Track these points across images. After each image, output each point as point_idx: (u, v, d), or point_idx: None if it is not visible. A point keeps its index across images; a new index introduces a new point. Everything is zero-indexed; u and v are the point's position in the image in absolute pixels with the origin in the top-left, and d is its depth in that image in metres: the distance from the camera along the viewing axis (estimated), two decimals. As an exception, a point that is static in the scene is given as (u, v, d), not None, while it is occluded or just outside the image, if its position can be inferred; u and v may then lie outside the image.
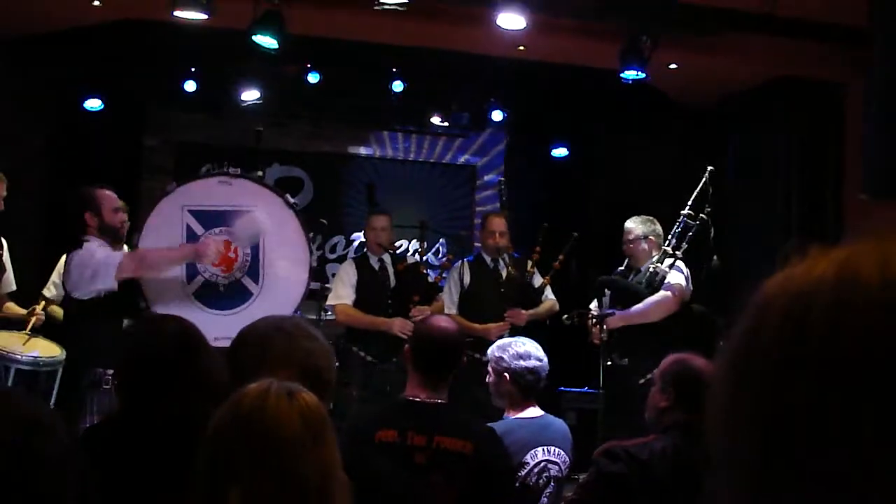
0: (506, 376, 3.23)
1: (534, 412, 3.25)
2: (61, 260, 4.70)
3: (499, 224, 5.39)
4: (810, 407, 0.55)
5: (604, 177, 7.53)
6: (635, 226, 5.04)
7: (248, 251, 5.42)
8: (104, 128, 7.01)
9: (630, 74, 5.45)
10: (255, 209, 5.43)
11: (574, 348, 5.34)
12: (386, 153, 8.12)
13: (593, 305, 5.04)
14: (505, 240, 5.35)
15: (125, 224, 4.61)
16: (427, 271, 5.71)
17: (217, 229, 5.39)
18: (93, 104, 6.95)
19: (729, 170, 6.45)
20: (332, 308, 5.35)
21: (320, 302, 5.59)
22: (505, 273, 5.35)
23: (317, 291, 5.55)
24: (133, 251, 4.49)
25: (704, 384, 0.67)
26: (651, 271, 4.84)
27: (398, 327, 5.04)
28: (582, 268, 5.67)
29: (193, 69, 6.82)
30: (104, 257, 4.18)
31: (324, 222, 6.37)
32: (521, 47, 5.92)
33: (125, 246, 4.79)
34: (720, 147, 6.61)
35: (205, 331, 2.27)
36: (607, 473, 2.53)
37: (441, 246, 8.01)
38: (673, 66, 6.06)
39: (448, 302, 5.36)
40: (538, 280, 5.37)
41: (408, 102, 7.28)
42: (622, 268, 5.10)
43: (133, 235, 5.09)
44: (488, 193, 8.09)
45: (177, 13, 5.12)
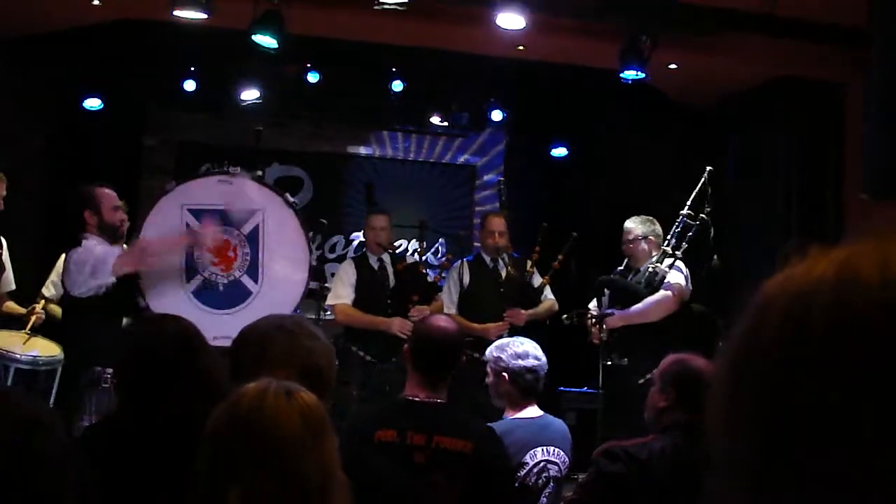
0: (504, 376, 3.23)
1: (533, 412, 3.25)
2: (60, 259, 4.70)
3: (498, 224, 5.39)
4: (810, 407, 0.55)
5: (603, 177, 7.53)
6: (635, 226, 5.04)
7: (248, 251, 5.42)
8: (104, 127, 7.01)
9: (630, 74, 5.45)
10: (257, 208, 5.44)
11: (573, 348, 5.34)
12: (386, 153, 8.12)
13: (592, 305, 5.04)
14: (504, 240, 5.35)
15: (124, 223, 4.61)
16: (426, 271, 5.71)
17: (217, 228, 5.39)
18: (93, 104, 6.95)
19: (729, 170, 6.45)
20: (332, 308, 5.35)
21: (319, 301, 5.59)
22: (504, 273, 5.35)
23: (316, 291, 5.54)
24: (132, 243, 4.46)
25: (704, 384, 0.67)
26: (650, 271, 4.85)
27: (397, 327, 5.04)
28: (581, 268, 5.67)
29: (193, 69, 6.82)
30: (102, 253, 4.17)
31: (323, 222, 6.37)
32: (521, 47, 5.92)
33: (124, 245, 4.80)
34: (720, 147, 6.61)
35: (204, 330, 2.26)
36: (607, 473, 2.53)
37: (440, 246, 8.01)
38: (673, 66, 6.06)
39: (447, 302, 5.36)
40: (537, 280, 5.37)
41: (407, 102, 7.28)
42: (621, 268, 5.10)
43: (132, 234, 5.09)
44: (488, 193, 8.09)
45: (176, 13, 5.12)
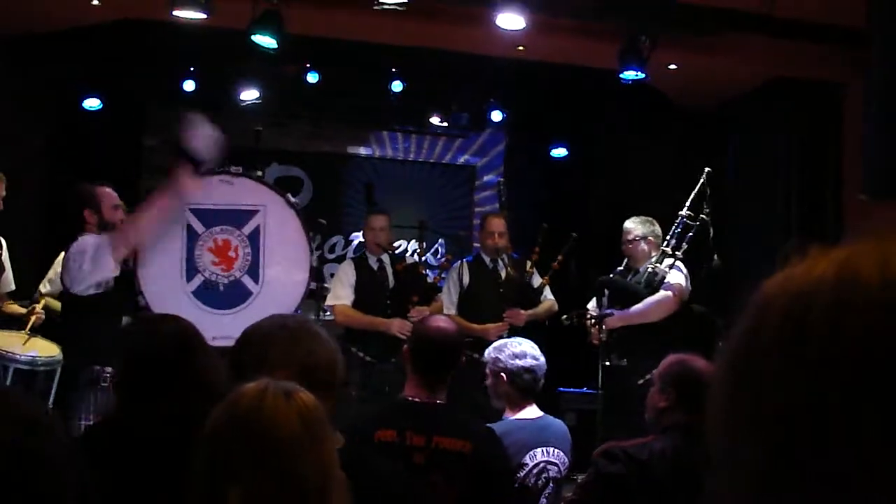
0: (503, 376, 3.23)
1: (533, 413, 3.25)
2: (59, 257, 4.69)
3: (498, 224, 5.39)
4: (811, 407, 0.55)
5: (603, 177, 7.52)
6: (634, 226, 5.04)
7: (249, 251, 5.43)
8: (104, 127, 7.01)
9: (629, 75, 5.45)
10: (259, 208, 5.43)
11: (573, 349, 5.34)
12: (385, 153, 8.11)
13: (591, 305, 5.04)
14: (504, 240, 5.35)
15: (123, 222, 4.60)
16: (426, 271, 5.71)
17: (218, 228, 5.39)
18: (92, 104, 6.95)
19: (728, 170, 6.45)
20: (331, 308, 5.35)
21: (319, 302, 5.59)
22: (504, 273, 5.35)
23: (315, 291, 5.54)
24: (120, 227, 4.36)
25: (704, 385, 0.67)
26: (650, 271, 4.85)
27: (397, 328, 5.04)
28: (581, 268, 5.66)
29: (193, 69, 6.81)
30: (97, 241, 4.16)
31: (323, 222, 6.37)
32: (521, 47, 5.92)
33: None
34: (719, 147, 6.61)
35: (203, 330, 2.26)
36: (606, 474, 2.53)
37: (440, 246, 8.01)
38: (672, 67, 6.06)
39: (447, 302, 5.36)
40: (537, 280, 5.37)
41: (407, 102, 7.27)
42: (621, 268, 5.10)
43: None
44: (487, 194, 8.09)
45: (176, 13, 5.12)
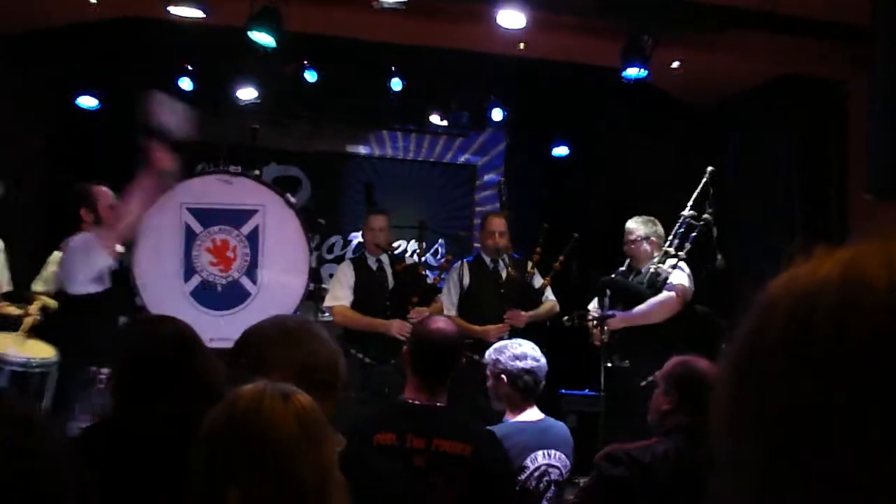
0: (503, 378, 3.23)
1: (534, 415, 3.25)
2: (52, 255, 4.69)
3: (498, 224, 5.39)
4: (815, 408, 0.55)
5: (605, 176, 7.52)
6: (637, 226, 5.03)
7: (248, 251, 5.42)
8: (101, 126, 7.01)
9: (631, 73, 5.45)
10: (258, 208, 5.43)
11: (575, 350, 5.34)
12: (385, 152, 8.11)
13: (592, 306, 5.04)
14: (505, 240, 5.35)
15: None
16: (426, 272, 5.71)
17: (216, 227, 5.39)
18: (89, 102, 6.94)
19: (731, 169, 6.44)
20: (330, 309, 5.34)
21: (317, 303, 5.59)
22: (505, 274, 5.35)
23: (313, 292, 5.55)
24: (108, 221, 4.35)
25: (708, 386, 0.67)
26: (652, 272, 4.85)
27: (396, 329, 5.04)
28: (583, 268, 5.67)
29: (190, 67, 6.81)
30: (86, 238, 4.18)
31: (321, 222, 6.37)
32: (521, 45, 5.92)
33: (118, 246, 4.79)
34: (722, 146, 6.61)
35: (201, 331, 2.26)
36: (609, 477, 2.53)
37: (440, 246, 8.01)
38: (675, 65, 6.06)
39: (447, 303, 5.36)
40: (538, 281, 5.37)
41: (407, 101, 7.26)
42: (623, 268, 5.09)
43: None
44: (488, 193, 8.09)
45: (173, 10, 5.12)
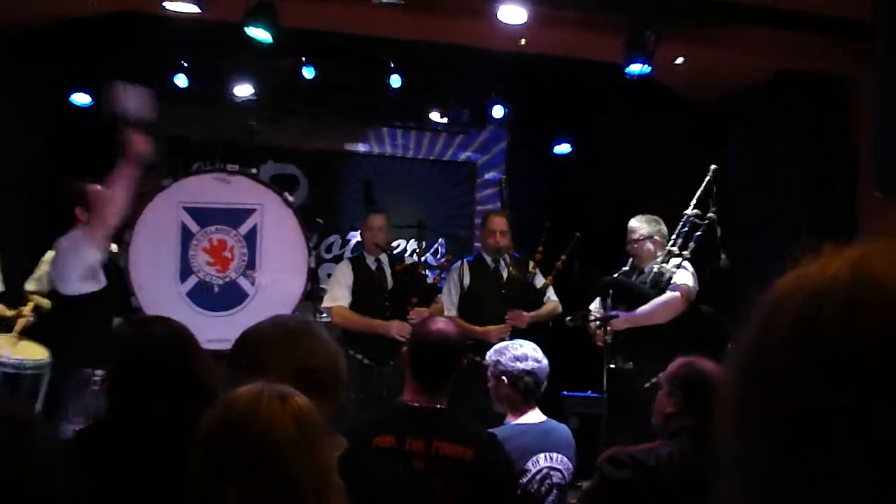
0: (504, 380, 3.23)
1: (535, 417, 3.25)
2: (46, 255, 4.69)
3: (499, 223, 5.38)
4: (822, 407, 0.55)
5: (607, 174, 7.51)
6: (640, 225, 5.03)
7: (245, 251, 5.41)
8: (94, 123, 6.99)
9: (635, 69, 5.45)
10: (255, 207, 5.43)
11: (577, 351, 5.34)
12: (384, 150, 8.11)
13: (594, 306, 5.04)
14: (506, 239, 5.35)
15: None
16: (426, 272, 5.71)
17: (213, 227, 5.39)
18: (83, 99, 6.93)
19: (735, 166, 6.44)
20: (328, 310, 5.34)
21: (316, 304, 5.59)
22: (506, 274, 5.35)
23: (311, 293, 5.54)
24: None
25: (713, 388, 0.67)
26: (655, 271, 4.84)
27: (396, 330, 5.04)
28: (585, 268, 5.66)
29: (185, 63, 6.80)
30: (75, 235, 4.19)
31: (319, 221, 6.37)
32: (523, 41, 5.91)
33: (114, 245, 4.80)
34: (726, 142, 6.60)
35: (198, 333, 2.26)
36: (612, 480, 2.52)
37: (440, 246, 8.01)
38: (678, 61, 6.06)
39: (447, 303, 5.36)
40: (540, 281, 5.37)
41: (406, 98, 7.25)
42: (626, 268, 5.09)
43: (125, 232, 5.09)
44: (489, 192, 8.09)
45: (168, 5, 5.12)
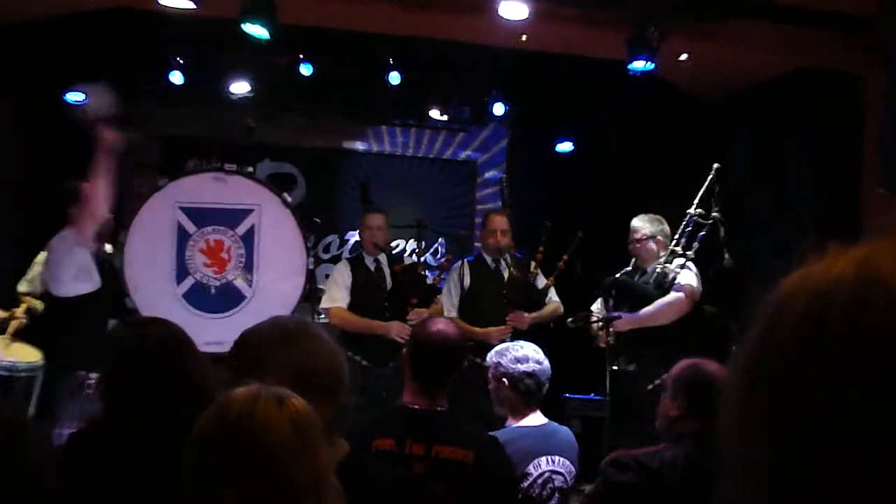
0: (504, 382, 3.23)
1: (537, 420, 3.25)
2: (39, 255, 4.70)
3: (500, 223, 5.39)
4: (828, 406, 0.56)
5: (610, 172, 7.51)
6: (643, 224, 5.02)
7: (243, 252, 5.42)
8: (86, 120, 6.98)
9: (638, 66, 5.45)
10: (253, 207, 5.43)
11: (579, 352, 5.34)
12: (383, 148, 8.11)
13: (595, 307, 5.04)
14: (507, 239, 5.35)
15: (109, 221, 4.62)
16: (425, 272, 5.71)
17: (210, 227, 5.39)
18: (76, 97, 6.92)
19: (740, 163, 6.44)
20: (326, 311, 5.35)
21: (314, 304, 5.59)
22: (507, 274, 5.35)
23: (309, 294, 5.55)
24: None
25: (718, 391, 0.68)
26: (659, 272, 4.83)
27: (395, 331, 5.04)
28: (587, 268, 5.66)
29: (181, 60, 6.80)
30: (62, 236, 4.20)
31: (317, 221, 6.37)
32: (524, 37, 5.91)
33: (107, 245, 4.80)
34: (731, 140, 6.60)
35: (194, 335, 2.27)
36: (615, 484, 2.52)
37: (440, 246, 8.01)
38: (683, 57, 6.06)
39: (447, 304, 5.36)
40: (541, 281, 5.37)
41: (405, 95, 7.26)
42: (629, 268, 5.09)
43: (120, 232, 5.09)
44: (489, 191, 8.09)
45: (163, 1, 5.12)
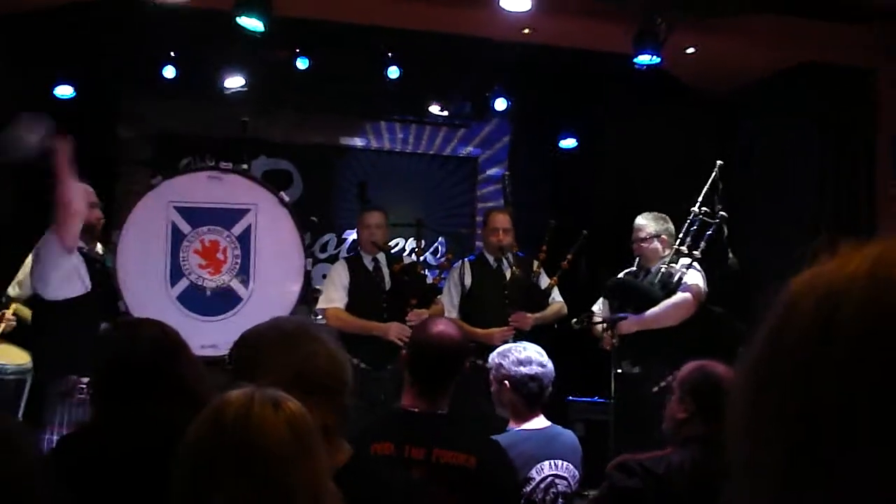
0: (506, 384, 3.23)
1: (540, 423, 3.25)
2: (28, 258, 4.70)
3: (502, 221, 5.39)
4: (838, 406, 0.56)
5: (614, 170, 7.50)
6: (647, 223, 5.01)
7: (239, 253, 5.41)
8: (76, 117, 6.98)
9: (644, 60, 5.45)
10: (249, 207, 5.42)
11: (583, 354, 5.34)
12: (381, 145, 8.11)
13: (597, 307, 5.03)
14: (509, 238, 5.35)
15: (100, 221, 4.62)
16: (425, 272, 5.71)
17: (205, 228, 5.39)
18: (64, 91, 6.91)
19: (747, 160, 6.43)
20: (323, 312, 5.34)
21: (311, 305, 5.58)
22: (509, 274, 5.35)
23: (306, 294, 5.54)
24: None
25: (725, 393, 0.68)
26: (664, 272, 4.83)
27: (394, 332, 5.04)
28: (592, 268, 5.65)
29: (173, 54, 6.80)
30: (46, 238, 4.22)
31: (314, 219, 6.37)
32: (527, 30, 5.91)
33: (99, 245, 4.80)
34: (737, 136, 6.60)
35: (188, 338, 2.27)
36: (621, 489, 2.53)
37: (440, 245, 8.01)
38: (689, 51, 6.05)
39: (448, 305, 5.36)
40: (545, 281, 5.37)
41: (405, 90, 7.26)
42: (633, 268, 5.08)
43: (112, 233, 5.09)
44: (491, 188, 8.09)
45: (155, -7, 5.12)
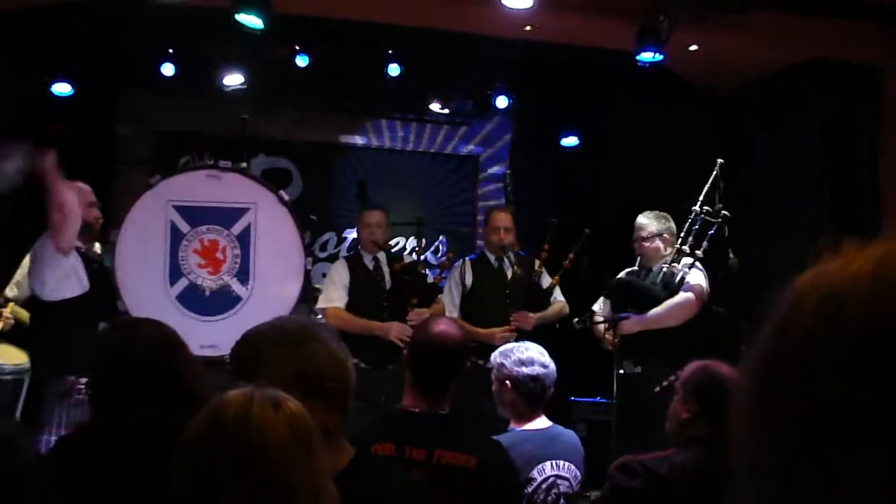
0: (507, 384, 3.24)
1: (541, 423, 3.26)
2: (25, 259, 4.70)
3: (504, 220, 5.39)
4: (841, 406, 0.57)
5: (616, 168, 7.50)
6: (648, 222, 5.01)
7: (238, 252, 5.42)
8: (75, 115, 6.99)
9: (646, 57, 5.45)
10: (249, 206, 5.43)
11: (585, 354, 5.34)
12: (381, 143, 8.11)
13: (597, 307, 5.03)
14: (510, 237, 5.35)
15: (99, 220, 4.62)
16: (426, 271, 5.71)
17: (205, 227, 5.39)
18: (62, 89, 6.91)
19: (751, 158, 6.43)
20: (323, 311, 5.34)
21: (310, 305, 5.59)
22: (510, 273, 5.35)
23: (305, 293, 5.55)
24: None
25: (729, 393, 0.68)
26: (666, 271, 4.82)
27: (395, 332, 5.04)
28: (594, 267, 5.66)
29: (172, 51, 6.80)
30: (42, 240, 4.22)
31: (314, 218, 6.37)
32: (528, 27, 5.91)
33: (98, 244, 4.81)
34: (740, 135, 6.59)
35: (188, 338, 2.27)
36: (624, 489, 2.53)
37: (441, 244, 8.02)
38: (692, 48, 6.05)
39: (449, 304, 5.36)
40: (546, 280, 5.37)
41: (405, 87, 7.26)
42: (634, 267, 5.08)
43: (111, 232, 5.10)
44: (492, 187, 8.08)
45: (154, -10, 5.12)
